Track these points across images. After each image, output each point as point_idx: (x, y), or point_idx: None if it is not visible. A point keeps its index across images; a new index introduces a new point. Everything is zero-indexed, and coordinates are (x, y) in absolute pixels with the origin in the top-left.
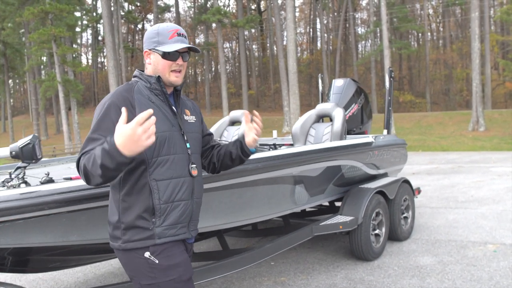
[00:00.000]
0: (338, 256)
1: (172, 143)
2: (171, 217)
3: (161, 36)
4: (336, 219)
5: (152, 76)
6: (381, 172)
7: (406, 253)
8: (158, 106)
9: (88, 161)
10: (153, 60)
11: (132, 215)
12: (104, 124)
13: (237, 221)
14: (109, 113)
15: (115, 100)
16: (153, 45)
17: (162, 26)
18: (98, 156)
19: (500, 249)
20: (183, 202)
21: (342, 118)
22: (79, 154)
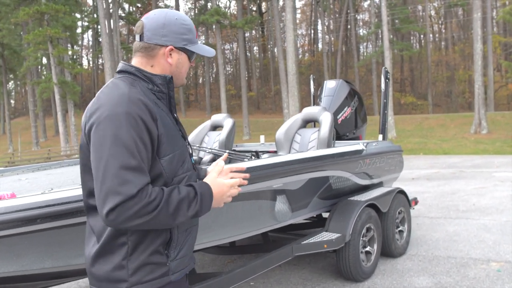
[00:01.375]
0: (325, 275)
1: (185, 158)
2: (185, 246)
3: (192, 34)
4: (320, 237)
5: (157, 75)
6: (375, 182)
7: (401, 272)
8: (167, 114)
9: (177, 202)
10: (177, 60)
11: (147, 250)
12: (137, 146)
13: (206, 241)
14: (136, 130)
15: (137, 110)
16: (183, 42)
17: (189, 21)
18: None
19: (505, 268)
20: (195, 226)
21: (329, 123)
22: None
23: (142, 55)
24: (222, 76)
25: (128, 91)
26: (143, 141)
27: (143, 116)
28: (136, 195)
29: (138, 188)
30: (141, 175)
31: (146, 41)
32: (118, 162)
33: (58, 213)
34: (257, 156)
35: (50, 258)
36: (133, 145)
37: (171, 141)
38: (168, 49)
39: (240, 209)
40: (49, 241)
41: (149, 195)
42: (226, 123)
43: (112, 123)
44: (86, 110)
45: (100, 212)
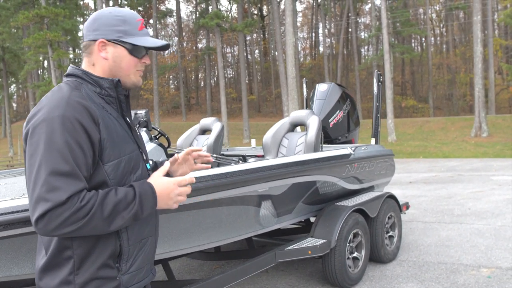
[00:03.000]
0: (312, 282)
1: (137, 165)
2: (138, 259)
3: (128, 25)
4: (305, 243)
5: (105, 78)
6: (365, 186)
7: (389, 278)
8: (116, 119)
9: (113, 205)
10: (113, 54)
11: (95, 264)
12: (73, 150)
13: (190, 247)
14: (72, 133)
15: (74, 113)
16: (116, 34)
17: (125, 12)
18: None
19: (495, 274)
20: (150, 238)
21: (317, 127)
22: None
23: (85, 55)
24: (222, 79)
25: (68, 94)
26: (80, 145)
27: (81, 119)
28: (66, 201)
29: (68, 194)
30: (73, 181)
31: (84, 39)
32: (49, 168)
33: (23, 220)
34: (244, 161)
35: (17, 266)
36: (67, 149)
37: (117, 146)
38: (99, 42)
39: (224, 214)
40: (16, 248)
41: (80, 201)
42: (215, 127)
43: (47, 127)
44: (29, 115)
45: (31, 220)
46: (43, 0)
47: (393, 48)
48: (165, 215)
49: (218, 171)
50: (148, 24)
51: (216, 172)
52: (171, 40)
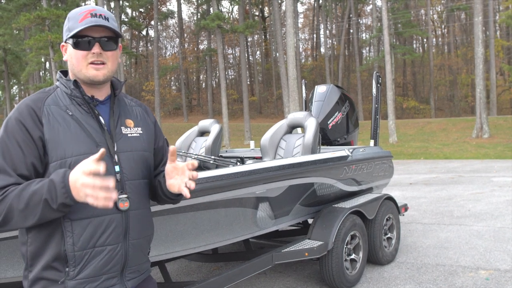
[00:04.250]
0: (310, 284)
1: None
2: (90, 267)
3: (71, 21)
4: (302, 245)
5: (69, 80)
6: (363, 188)
7: (387, 280)
8: (78, 120)
9: (16, 196)
10: (69, 54)
11: (40, 263)
12: (8, 148)
13: (186, 248)
14: (11, 132)
15: (17, 115)
16: (66, 33)
17: (75, 10)
18: (41, 190)
19: (493, 276)
20: (108, 247)
21: (314, 129)
22: None
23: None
24: (223, 80)
25: (25, 99)
26: (18, 143)
27: (23, 120)
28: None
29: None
30: (1, 176)
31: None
32: None
33: None
34: (242, 162)
35: (12, 268)
36: (2, 147)
37: (61, 146)
38: (61, 47)
39: (221, 215)
40: (9, 251)
41: (1, 195)
42: (213, 128)
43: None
44: None
45: None
46: (44, 2)
47: (395, 49)
48: (162, 217)
49: (215, 173)
50: (149, 25)
51: (213, 174)
52: (172, 41)
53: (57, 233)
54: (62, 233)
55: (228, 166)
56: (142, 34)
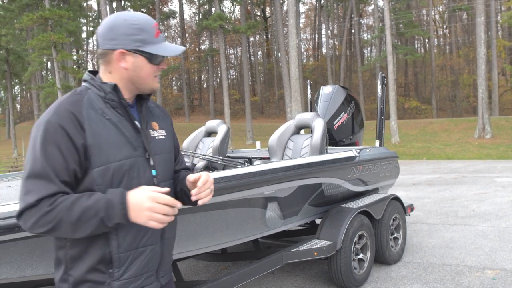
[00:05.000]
0: (318, 283)
1: (134, 173)
2: (133, 268)
3: (146, 33)
4: (311, 244)
5: (107, 83)
6: (369, 188)
7: (394, 279)
8: (115, 124)
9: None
10: (133, 64)
11: (84, 267)
12: (50, 154)
13: (197, 248)
14: (53, 138)
15: (58, 119)
16: (135, 44)
17: (140, 19)
18: (96, 206)
19: (500, 275)
20: (149, 247)
21: (322, 129)
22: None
23: (102, 62)
24: (225, 81)
25: (61, 101)
26: (60, 150)
27: (64, 125)
28: (36, 204)
29: (37, 197)
30: (45, 184)
31: (100, 47)
32: (27, 171)
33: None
34: (250, 163)
35: (30, 267)
36: (43, 154)
37: (105, 152)
38: (118, 53)
39: (230, 216)
40: (29, 250)
41: (49, 204)
42: (221, 129)
43: (36, 132)
44: None
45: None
46: (47, 2)
47: (396, 50)
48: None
49: (224, 173)
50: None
51: (222, 174)
52: (174, 41)
53: (102, 236)
54: (107, 236)
55: (237, 167)
56: None
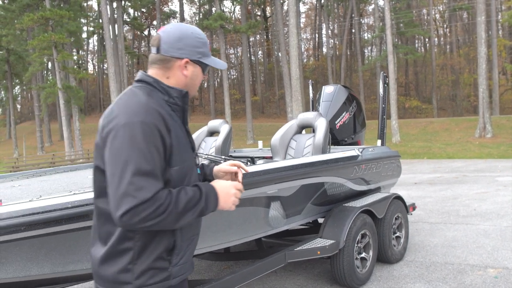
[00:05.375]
0: (321, 282)
1: (193, 172)
2: (187, 254)
3: (206, 47)
4: (314, 243)
5: (174, 88)
6: (372, 188)
7: (397, 278)
8: (181, 127)
9: (185, 202)
10: (192, 72)
11: (151, 256)
12: (150, 153)
13: (201, 248)
14: (150, 137)
15: (153, 120)
16: (197, 55)
17: (203, 34)
18: (196, 199)
19: (502, 274)
20: (196, 236)
21: (324, 129)
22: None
23: (159, 67)
24: (226, 80)
25: (146, 101)
26: (157, 149)
27: (158, 125)
28: (150, 199)
29: (152, 193)
30: (154, 181)
31: (163, 53)
32: (134, 169)
33: (42, 221)
34: (252, 162)
35: (36, 265)
36: (148, 152)
37: (181, 153)
38: (184, 62)
39: (234, 215)
40: (36, 249)
41: (160, 199)
42: (223, 129)
43: (129, 131)
44: (105, 114)
45: (113, 214)
46: (47, 2)
47: (397, 49)
48: None
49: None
50: (151, 25)
51: None
52: None
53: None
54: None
55: None
56: (144, 34)
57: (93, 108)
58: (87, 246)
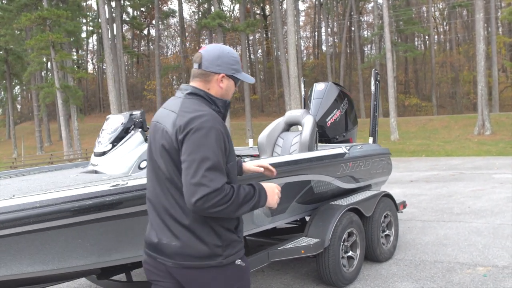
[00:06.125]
0: (307, 281)
1: (235, 167)
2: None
3: (238, 65)
4: (298, 242)
5: (220, 99)
6: (361, 185)
7: (384, 277)
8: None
9: (244, 195)
10: (227, 85)
11: (230, 232)
12: (219, 153)
13: None
14: (218, 141)
15: (220, 127)
16: (231, 71)
17: (236, 54)
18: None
19: (491, 272)
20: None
21: (311, 126)
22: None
23: (200, 80)
24: None
25: (210, 111)
26: (222, 149)
27: (222, 130)
28: (219, 189)
29: (221, 184)
30: (222, 175)
31: (204, 69)
32: (209, 163)
33: (8, 221)
34: None
35: (4, 267)
36: (218, 151)
37: (232, 152)
38: (221, 76)
39: None
40: (5, 249)
41: (225, 189)
42: None
43: (204, 133)
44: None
45: (188, 200)
46: (45, 2)
47: (396, 47)
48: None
49: None
50: (151, 24)
51: None
52: (174, 40)
53: None
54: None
55: None
56: (144, 34)
57: (92, 108)
58: (58, 246)
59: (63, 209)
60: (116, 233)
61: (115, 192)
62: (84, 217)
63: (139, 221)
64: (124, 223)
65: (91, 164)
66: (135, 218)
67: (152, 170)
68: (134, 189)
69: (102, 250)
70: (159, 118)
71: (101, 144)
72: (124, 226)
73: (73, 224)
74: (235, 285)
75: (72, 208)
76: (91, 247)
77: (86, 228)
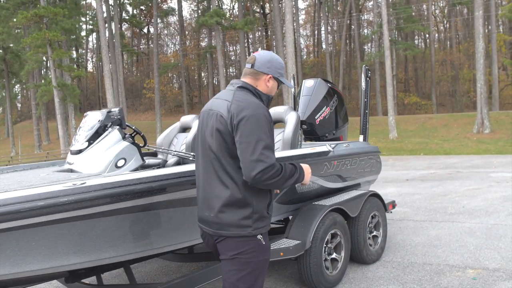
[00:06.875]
0: (290, 284)
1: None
2: (271, 209)
3: (283, 70)
4: (278, 244)
5: (265, 94)
6: (348, 185)
7: (370, 280)
8: None
9: (289, 171)
10: (272, 85)
11: (261, 208)
12: (270, 133)
13: (161, 246)
14: (269, 126)
15: (268, 115)
16: (278, 74)
17: (282, 60)
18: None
19: (481, 275)
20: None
21: (294, 123)
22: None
23: (251, 77)
24: (223, 77)
25: (258, 101)
26: (271, 132)
27: (269, 117)
28: (273, 164)
29: (274, 160)
30: (273, 153)
31: (256, 69)
32: (263, 143)
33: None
34: None
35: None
36: (269, 134)
37: (272, 136)
38: (269, 77)
39: (191, 213)
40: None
41: (277, 165)
42: (194, 124)
43: (257, 119)
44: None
45: (248, 174)
46: (42, 0)
47: (396, 45)
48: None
49: (183, 168)
50: (150, 23)
51: (179, 170)
52: (173, 39)
53: (270, 192)
54: (271, 192)
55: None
56: (143, 32)
57: (92, 106)
58: (9, 250)
59: (12, 211)
60: (77, 235)
61: (71, 193)
62: (36, 219)
63: (99, 223)
64: (82, 225)
65: (67, 162)
66: (93, 220)
67: (203, 152)
68: (92, 189)
69: (60, 254)
70: (213, 106)
71: (78, 142)
72: (83, 229)
73: (24, 226)
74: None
75: (22, 209)
76: (47, 250)
77: (38, 231)
